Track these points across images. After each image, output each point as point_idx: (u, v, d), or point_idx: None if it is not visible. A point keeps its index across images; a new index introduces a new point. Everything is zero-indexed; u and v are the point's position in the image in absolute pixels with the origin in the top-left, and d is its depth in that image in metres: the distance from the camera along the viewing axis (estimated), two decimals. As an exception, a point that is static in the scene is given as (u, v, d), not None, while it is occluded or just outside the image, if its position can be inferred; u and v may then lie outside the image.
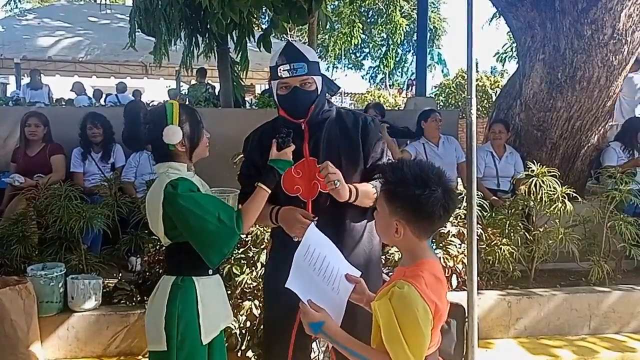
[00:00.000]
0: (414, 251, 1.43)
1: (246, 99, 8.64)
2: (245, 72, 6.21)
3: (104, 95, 10.93)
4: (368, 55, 24.00)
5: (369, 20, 20.96)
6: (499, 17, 12.44)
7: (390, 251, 3.41)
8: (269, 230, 3.21)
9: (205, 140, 1.98)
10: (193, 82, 9.60)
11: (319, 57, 2.19)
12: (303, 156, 2.04)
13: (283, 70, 1.98)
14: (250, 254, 3.23)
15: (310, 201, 2.02)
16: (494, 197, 4.64)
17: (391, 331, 1.31)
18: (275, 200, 2.03)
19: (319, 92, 2.03)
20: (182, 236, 1.85)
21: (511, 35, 8.78)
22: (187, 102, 7.54)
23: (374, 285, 1.90)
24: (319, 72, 2.06)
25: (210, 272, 1.92)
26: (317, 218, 1.95)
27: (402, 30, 19.87)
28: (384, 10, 20.03)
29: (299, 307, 1.50)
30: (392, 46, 20.70)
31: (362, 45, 22.66)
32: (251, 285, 3.17)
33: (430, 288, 1.35)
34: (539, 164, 4.00)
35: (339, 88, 2.37)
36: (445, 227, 3.63)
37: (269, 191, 1.91)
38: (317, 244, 1.67)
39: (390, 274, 3.23)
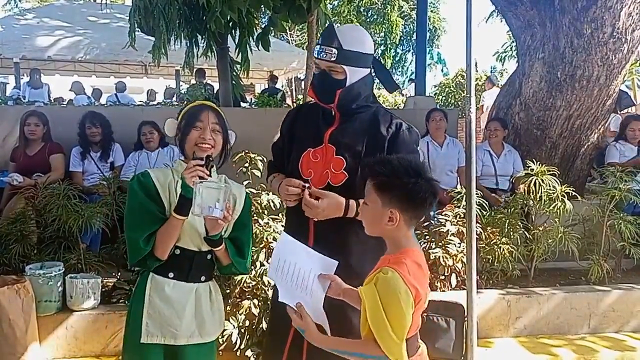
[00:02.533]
0: (400, 240, 1.52)
1: (247, 98, 8.64)
2: (247, 72, 6.20)
3: (103, 95, 10.91)
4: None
5: (368, 19, 20.94)
6: (497, 15, 12.45)
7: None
8: (269, 229, 3.23)
9: (193, 139, 1.87)
10: (193, 82, 9.59)
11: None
12: (323, 142, 2.00)
13: (317, 51, 1.96)
14: (250, 253, 3.23)
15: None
16: (493, 195, 4.64)
17: (376, 313, 1.41)
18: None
19: (347, 82, 1.94)
20: None
21: (511, 35, 8.77)
22: (186, 102, 7.54)
23: None
24: (355, 63, 1.94)
25: (171, 275, 1.86)
26: (307, 184, 1.94)
27: (399, 29, 19.86)
28: (382, 10, 20.03)
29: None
30: (389, 46, 20.68)
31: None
32: (250, 285, 3.17)
33: (413, 275, 1.45)
34: (538, 162, 3.99)
35: (397, 87, 2.25)
36: (445, 226, 3.63)
37: (182, 218, 1.79)
38: (287, 253, 1.69)
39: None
